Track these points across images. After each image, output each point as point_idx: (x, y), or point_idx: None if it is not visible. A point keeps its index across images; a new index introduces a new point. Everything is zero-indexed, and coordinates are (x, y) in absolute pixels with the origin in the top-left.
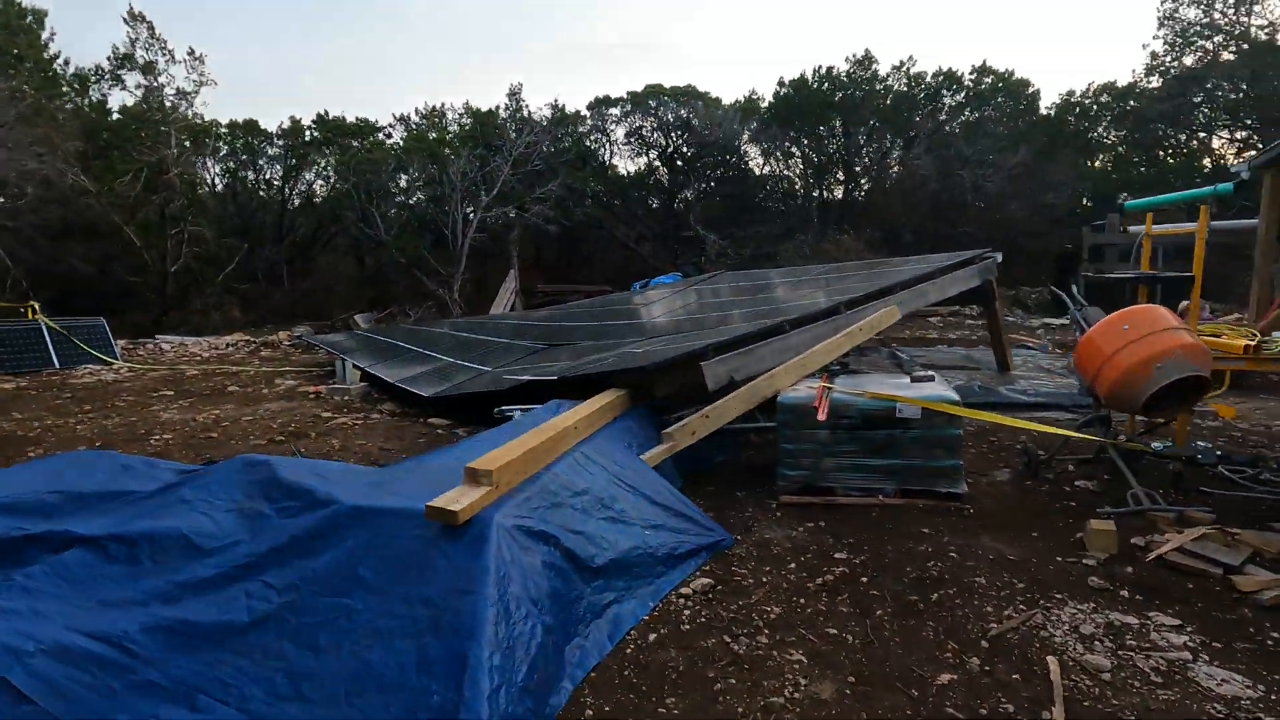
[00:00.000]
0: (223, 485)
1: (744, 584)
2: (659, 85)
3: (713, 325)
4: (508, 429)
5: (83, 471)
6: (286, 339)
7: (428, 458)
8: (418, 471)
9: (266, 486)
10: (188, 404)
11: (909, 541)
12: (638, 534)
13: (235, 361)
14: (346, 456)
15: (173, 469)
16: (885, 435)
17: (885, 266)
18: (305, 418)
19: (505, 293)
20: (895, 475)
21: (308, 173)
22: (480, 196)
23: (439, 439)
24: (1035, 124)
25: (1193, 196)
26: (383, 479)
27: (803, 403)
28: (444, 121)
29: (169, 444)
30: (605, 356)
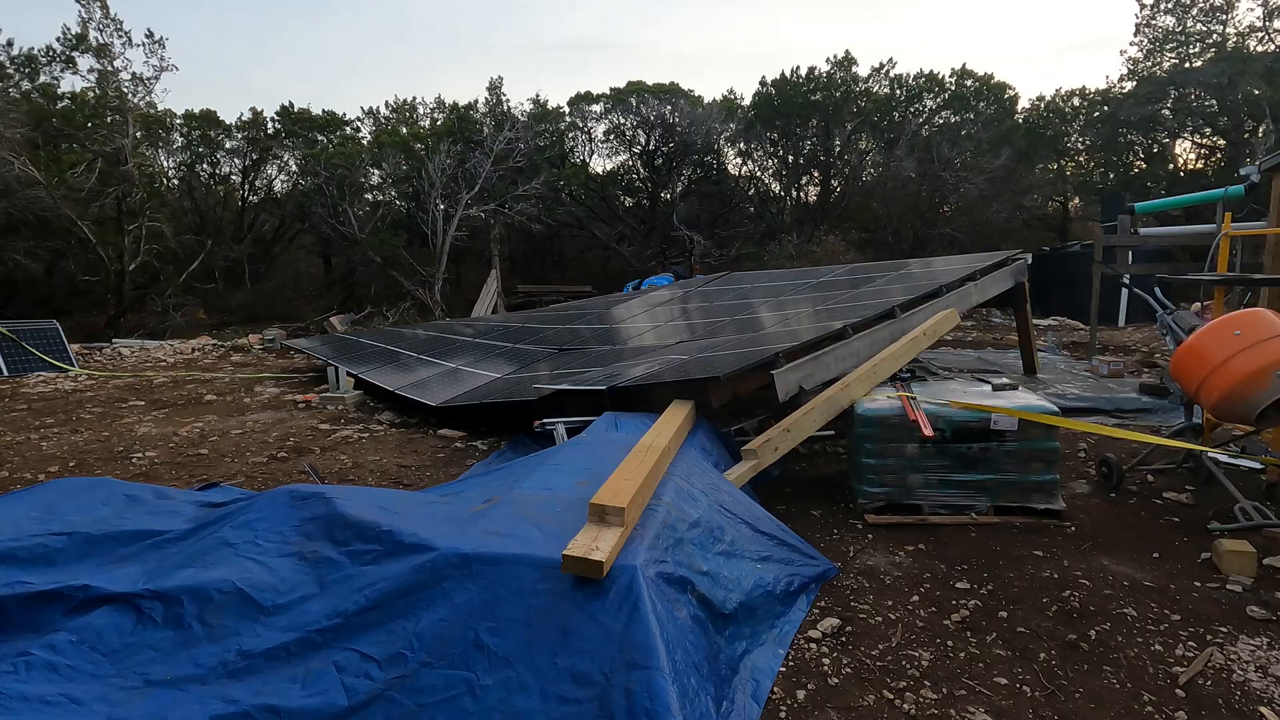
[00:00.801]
0: (270, 523)
1: (872, 622)
2: (641, 82)
3: (752, 330)
4: (575, 447)
5: (80, 504)
6: (257, 342)
7: (487, 478)
8: (504, 503)
9: (327, 525)
10: (163, 415)
11: (1027, 566)
12: (752, 569)
13: (205, 367)
14: (363, 474)
15: (191, 500)
16: (978, 448)
17: (909, 268)
18: (302, 430)
19: (487, 293)
20: (988, 491)
21: (270, 167)
22: (461, 193)
23: (460, 453)
24: (1013, 127)
25: (1204, 199)
26: (460, 513)
27: (887, 414)
28: (415, 116)
29: (154, 463)
30: (638, 364)
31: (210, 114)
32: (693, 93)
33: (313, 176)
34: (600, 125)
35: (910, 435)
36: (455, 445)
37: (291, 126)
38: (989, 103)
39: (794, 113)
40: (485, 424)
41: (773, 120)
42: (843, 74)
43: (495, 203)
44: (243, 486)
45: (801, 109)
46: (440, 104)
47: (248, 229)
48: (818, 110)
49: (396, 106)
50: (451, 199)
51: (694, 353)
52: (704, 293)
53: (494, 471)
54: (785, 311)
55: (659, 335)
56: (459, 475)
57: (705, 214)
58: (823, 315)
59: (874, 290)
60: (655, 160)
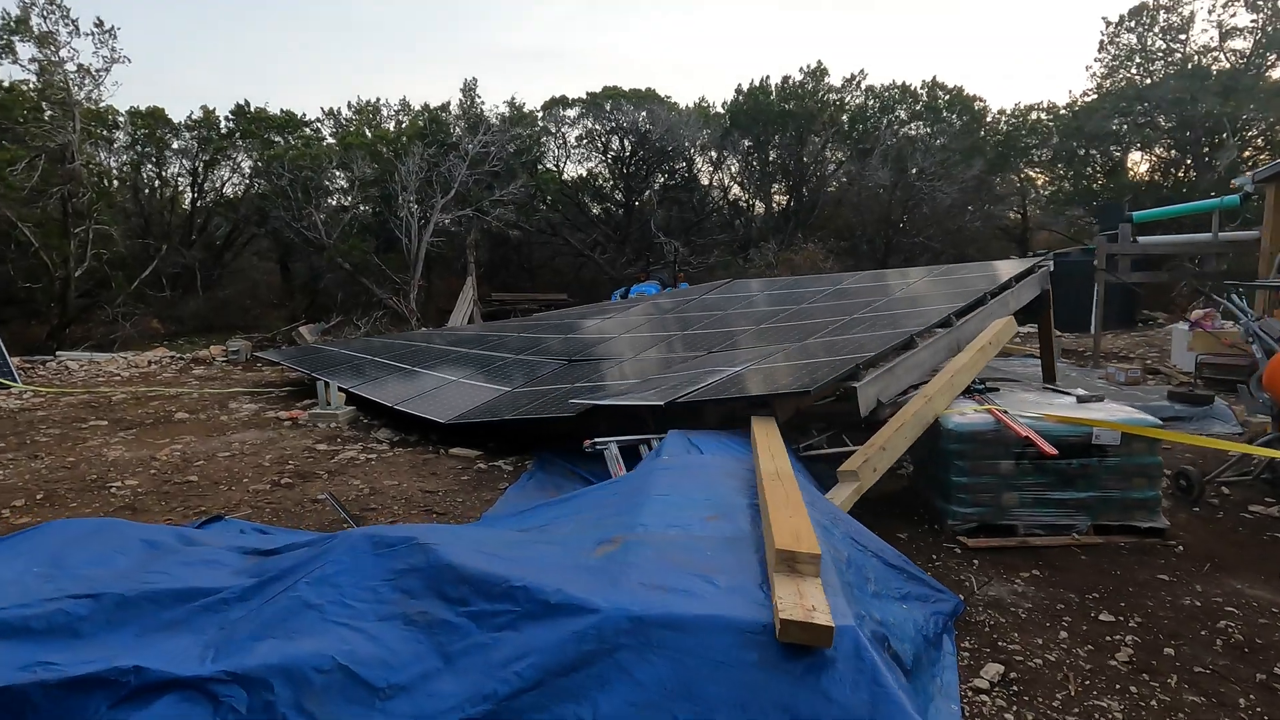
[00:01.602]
0: (355, 576)
1: (1033, 666)
2: (616, 88)
3: (796, 339)
4: (673, 474)
5: (91, 554)
6: (220, 354)
7: (563, 508)
8: (637, 546)
9: (431, 577)
10: (131, 437)
11: (1159, 592)
12: (901, 611)
13: (165, 382)
14: (385, 501)
15: (231, 547)
16: (1079, 464)
17: (931, 275)
18: (298, 452)
19: (464, 302)
20: (1088, 510)
21: (222, 168)
22: (435, 198)
23: (484, 475)
24: (983, 139)
25: (1199, 209)
26: (583, 557)
27: (981, 429)
28: (379, 117)
29: (137, 494)
30: (671, 376)
31: (158, 112)
32: (669, 99)
33: (275, 178)
34: (574, 130)
35: (1006, 452)
36: (477, 466)
37: (248, 126)
38: (960, 114)
39: (769, 121)
40: (494, 441)
41: (748, 128)
42: (815, 83)
43: (472, 207)
44: (250, 518)
45: (778, 117)
46: (406, 106)
47: (198, 233)
48: (791, 119)
49: (359, 108)
50: (425, 204)
51: (732, 365)
52: (712, 301)
53: (567, 501)
54: (820, 320)
55: (677, 346)
56: (493, 500)
57: (680, 221)
58: (866, 324)
59: (907, 298)
60: (629, 166)
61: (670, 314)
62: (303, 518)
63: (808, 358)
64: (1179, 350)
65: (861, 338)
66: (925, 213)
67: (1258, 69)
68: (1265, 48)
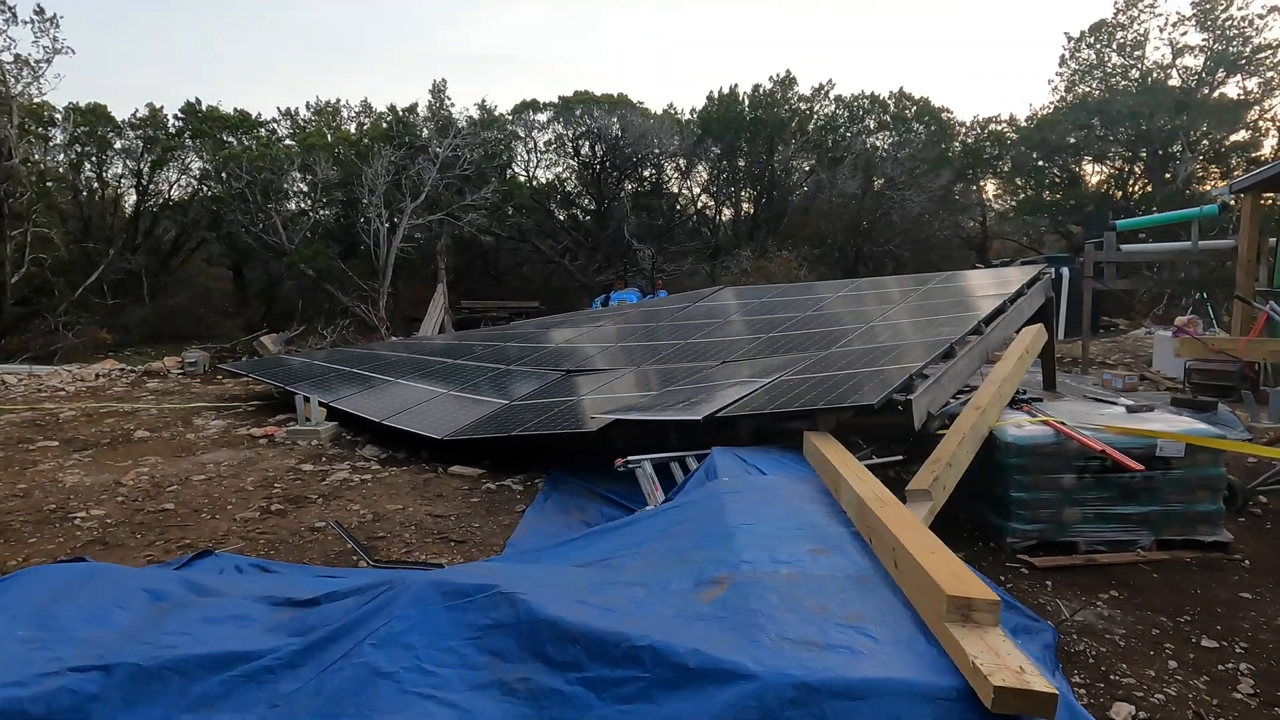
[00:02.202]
0: (428, 635)
1: (1157, 702)
2: (588, 92)
3: (817, 348)
4: (744, 498)
5: (85, 609)
6: (175, 366)
7: (622, 538)
8: (753, 588)
9: (526, 635)
10: (88, 459)
11: (1250, 613)
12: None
13: (117, 397)
14: (392, 528)
15: (255, 597)
16: (1143, 478)
17: (933, 283)
18: (282, 473)
19: (435, 309)
20: (1151, 525)
21: (170, 169)
22: (404, 202)
23: (494, 496)
24: (949, 150)
25: (1180, 218)
26: (691, 603)
27: (1041, 442)
28: (339, 119)
29: (107, 525)
30: (685, 388)
31: (100, 108)
32: (642, 104)
33: (233, 180)
34: (544, 135)
35: (1067, 465)
36: (485, 487)
37: (199, 125)
38: (927, 124)
39: (740, 129)
40: (491, 458)
41: (720, 135)
42: (784, 92)
43: (443, 212)
44: (243, 552)
45: (748, 125)
46: (368, 107)
47: (143, 237)
48: (762, 127)
49: (319, 108)
50: (393, 208)
51: (757, 376)
52: (707, 309)
53: (621, 530)
54: (836, 329)
55: (683, 356)
56: (511, 525)
57: (648, 228)
58: (890, 333)
59: (922, 306)
60: (600, 172)
61: (664, 322)
62: (304, 549)
63: (845, 367)
64: (1162, 356)
65: (891, 346)
66: (895, 221)
67: (1209, 85)
68: (1215, 66)
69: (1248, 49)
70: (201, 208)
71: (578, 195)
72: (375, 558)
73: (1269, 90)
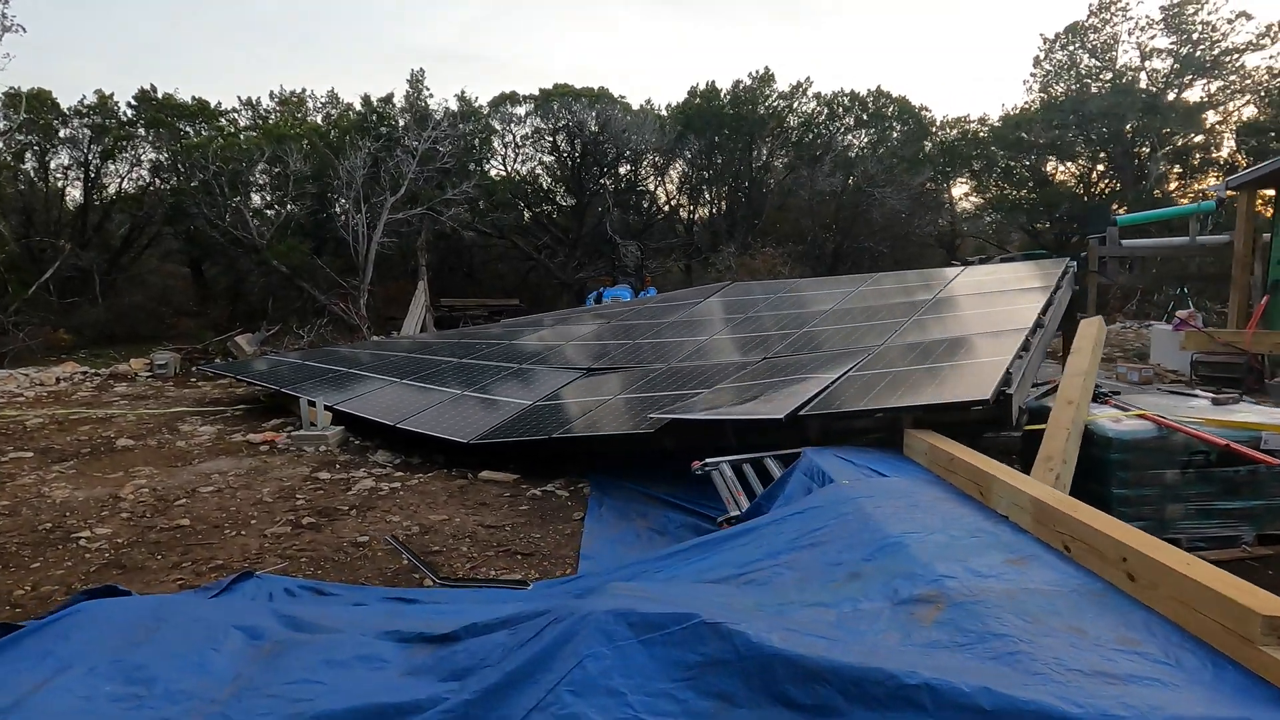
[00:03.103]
0: (629, 675)
1: None
2: (568, 85)
3: (876, 341)
4: (890, 500)
5: (174, 655)
6: (143, 368)
7: (754, 543)
8: (978, 608)
9: (753, 673)
10: (71, 471)
11: None
12: None
13: (84, 402)
14: (444, 540)
15: (378, 634)
16: (1246, 472)
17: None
18: (297, 482)
19: (417, 307)
20: (1254, 519)
21: (122, 160)
22: (383, 196)
23: (541, 503)
24: (922, 148)
25: (1179, 213)
26: (907, 627)
27: (1144, 438)
28: (305, 109)
29: (118, 545)
30: (761, 384)
31: (44, 94)
32: (623, 99)
33: (200, 171)
34: (521, 129)
35: (1170, 460)
36: (531, 493)
37: (154, 114)
38: (904, 123)
39: (720, 125)
40: (515, 462)
41: (701, 131)
42: (763, 89)
43: (424, 206)
44: (286, 572)
45: (729, 121)
46: (335, 98)
47: (93, 232)
48: (742, 123)
49: (283, 98)
50: (371, 202)
51: (817, 370)
52: (728, 304)
53: (745, 539)
54: (886, 321)
55: (714, 352)
56: (573, 535)
57: (623, 224)
58: (942, 325)
59: (967, 297)
60: (580, 168)
61: (679, 317)
62: (354, 567)
63: (915, 362)
64: (1160, 349)
65: (960, 339)
66: (875, 218)
67: (1177, 89)
68: (1183, 69)
69: (1215, 51)
70: (157, 201)
71: (556, 191)
72: (441, 575)
73: (1232, 93)
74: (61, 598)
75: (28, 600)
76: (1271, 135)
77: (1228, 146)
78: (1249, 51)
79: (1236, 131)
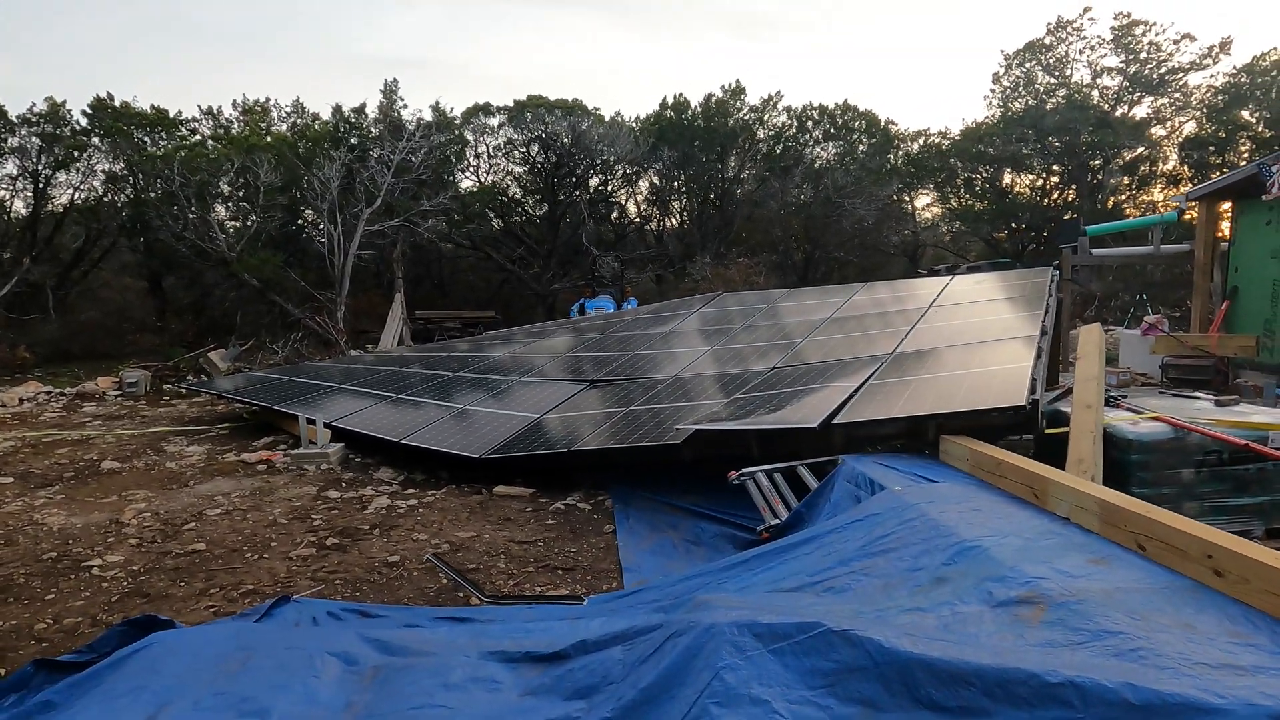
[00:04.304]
0: (768, 685)
1: None
2: (542, 97)
3: (884, 350)
4: (921, 505)
5: (279, 688)
6: (111, 386)
7: (822, 550)
8: (1072, 606)
9: (890, 677)
10: (59, 496)
11: None
12: None
13: (55, 423)
14: (477, 558)
15: (482, 655)
16: (1255, 470)
17: (951, 284)
18: (308, 502)
19: (394, 320)
20: (1262, 515)
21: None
22: (358, 207)
23: (569, 518)
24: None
25: (1143, 224)
26: (1013, 627)
27: (1161, 439)
28: (269, 119)
29: (134, 573)
30: (775, 394)
31: None
32: (597, 110)
33: (165, 182)
34: (494, 140)
35: (1186, 460)
36: (554, 507)
37: (111, 123)
38: (872, 136)
39: (693, 137)
40: (523, 476)
41: (674, 143)
42: (735, 101)
43: (400, 218)
44: (322, 595)
45: (701, 133)
46: (300, 107)
47: (43, 245)
48: (714, 135)
49: (247, 107)
50: (345, 213)
51: (832, 380)
52: (721, 314)
53: (810, 546)
54: (884, 330)
55: (716, 362)
56: (608, 549)
57: (596, 235)
58: (946, 334)
59: (962, 305)
60: (554, 179)
61: (673, 326)
62: (392, 588)
63: (934, 370)
64: (1129, 353)
65: (973, 345)
66: (845, 228)
67: (1127, 105)
68: (1131, 87)
69: (1161, 70)
70: (113, 212)
71: (528, 201)
72: (487, 593)
73: (1176, 110)
74: (88, 630)
75: (52, 634)
76: (1211, 150)
77: (1173, 160)
78: (1192, 71)
79: (1180, 146)
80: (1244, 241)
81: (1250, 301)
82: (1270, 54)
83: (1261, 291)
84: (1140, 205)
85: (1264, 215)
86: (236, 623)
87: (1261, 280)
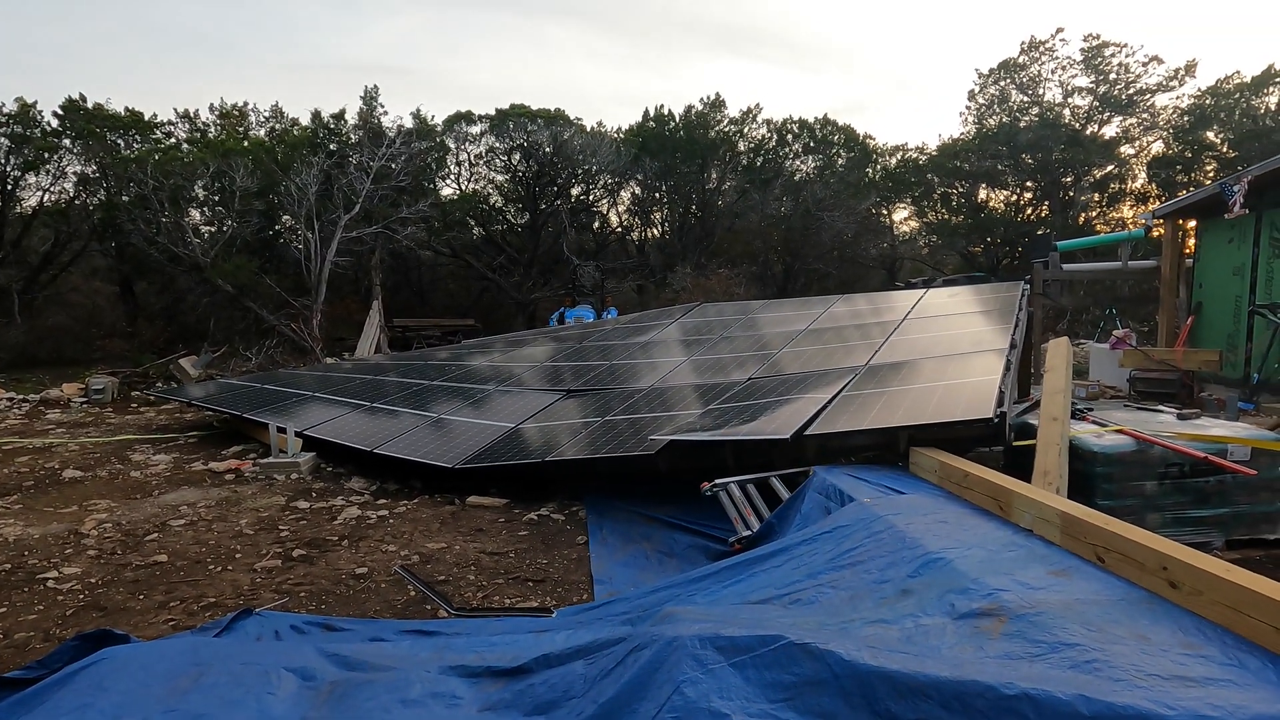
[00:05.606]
0: (728, 698)
1: None
2: (524, 106)
3: (861, 360)
4: (889, 517)
5: (232, 706)
6: (77, 393)
7: (791, 563)
8: (1031, 618)
9: (851, 692)
10: (17, 506)
11: None
12: None
13: (16, 430)
14: (447, 569)
15: (442, 670)
16: (1215, 481)
17: (921, 298)
18: (275, 513)
19: (371, 328)
20: (1222, 526)
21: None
22: (337, 214)
23: (541, 528)
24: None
25: (1113, 240)
26: (973, 639)
27: (1124, 451)
28: (247, 123)
29: (92, 585)
30: (752, 405)
31: None
32: (579, 120)
33: (139, 185)
34: (475, 148)
35: (1149, 472)
36: (527, 518)
37: (84, 125)
38: (850, 150)
39: (674, 148)
40: (496, 485)
41: (656, 153)
42: (716, 114)
43: (379, 225)
44: (287, 608)
45: (682, 144)
46: (279, 112)
47: (10, 248)
48: (695, 147)
49: (224, 111)
50: (323, 219)
51: (807, 391)
52: (700, 324)
53: (779, 559)
54: (861, 342)
55: (694, 372)
56: (581, 560)
57: (578, 244)
58: (920, 347)
59: (935, 318)
60: (534, 188)
61: (652, 336)
62: (359, 601)
63: (907, 381)
64: (1098, 366)
65: (945, 357)
66: (824, 240)
67: (1097, 124)
68: (1102, 106)
69: (1130, 91)
70: (83, 215)
71: (509, 210)
72: (455, 605)
73: (1144, 130)
74: (40, 645)
75: (1, 649)
76: (1178, 168)
77: (1141, 178)
78: (1159, 92)
79: (1148, 165)
80: (1208, 258)
81: (1214, 317)
82: (1234, 77)
83: (1224, 307)
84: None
85: (1226, 233)
86: (193, 637)
87: (1224, 296)
